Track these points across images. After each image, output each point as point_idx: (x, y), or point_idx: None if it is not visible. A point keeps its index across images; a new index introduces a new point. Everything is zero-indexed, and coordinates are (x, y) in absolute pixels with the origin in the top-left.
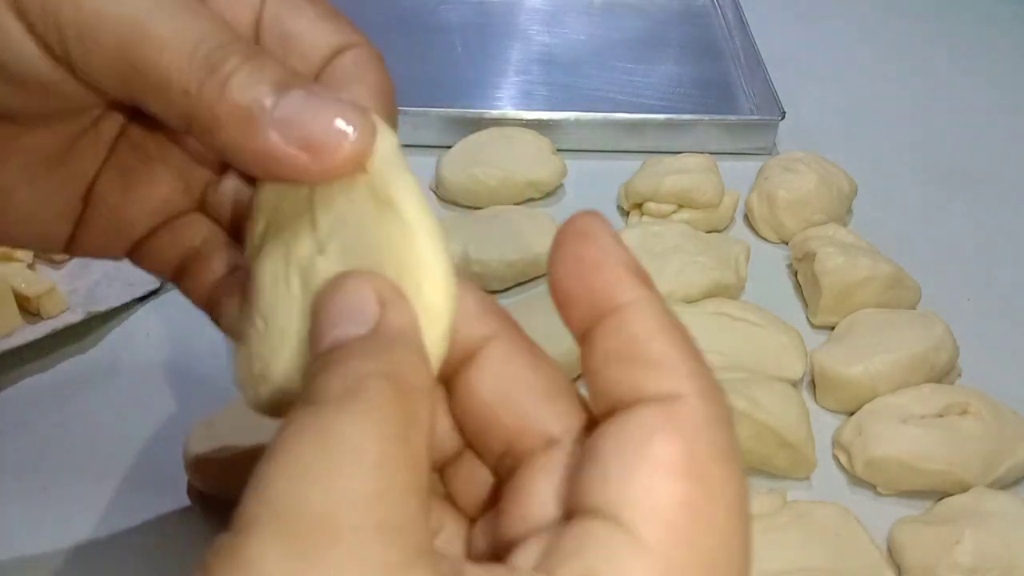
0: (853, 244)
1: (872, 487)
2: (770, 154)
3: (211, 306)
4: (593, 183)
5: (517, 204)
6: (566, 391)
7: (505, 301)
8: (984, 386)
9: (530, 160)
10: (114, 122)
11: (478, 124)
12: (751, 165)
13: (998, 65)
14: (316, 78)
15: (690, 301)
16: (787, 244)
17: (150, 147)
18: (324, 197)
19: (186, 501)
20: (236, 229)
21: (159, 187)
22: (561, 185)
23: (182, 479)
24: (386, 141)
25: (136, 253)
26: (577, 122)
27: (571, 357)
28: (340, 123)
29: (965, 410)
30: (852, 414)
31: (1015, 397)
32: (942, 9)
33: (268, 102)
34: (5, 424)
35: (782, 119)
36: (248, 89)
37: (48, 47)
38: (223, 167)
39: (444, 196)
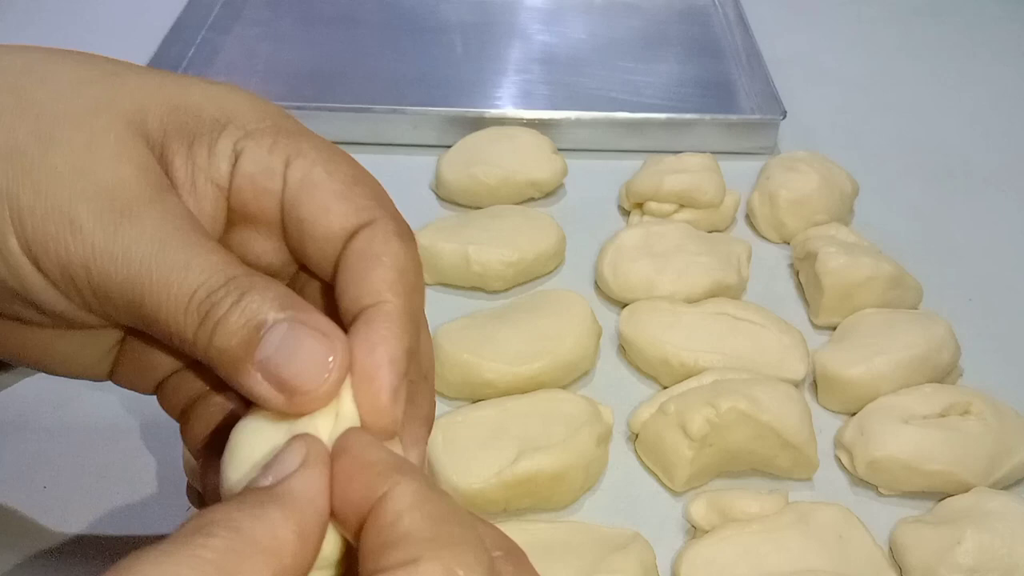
0: (855, 244)
1: (874, 488)
2: (771, 154)
3: (198, 459)
4: (594, 183)
5: (517, 204)
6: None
7: (505, 301)
8: (986, 386)
9: (530, 160)
10: None
11: (478, 124)
12: (752, 165)
13: (999, 65)
14: (336, 265)
15: (692, 301)
16: (789, 244)
17: None
18: None
19: (185, 501)
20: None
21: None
22: (561, 185)
23: (181, 479)
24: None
25: (160, 391)
26: (578, 121)
27: (572, 357)
28: (313, 367)
29: (967, 410)
30: (854, 414)
31: (1017, 397)
32: (943, 9)
33: (252, 344)
34: (5, 424)
35: (783, 118)
36: (235, 334)
37: (70, 297)
38: None
39: (444, 196)
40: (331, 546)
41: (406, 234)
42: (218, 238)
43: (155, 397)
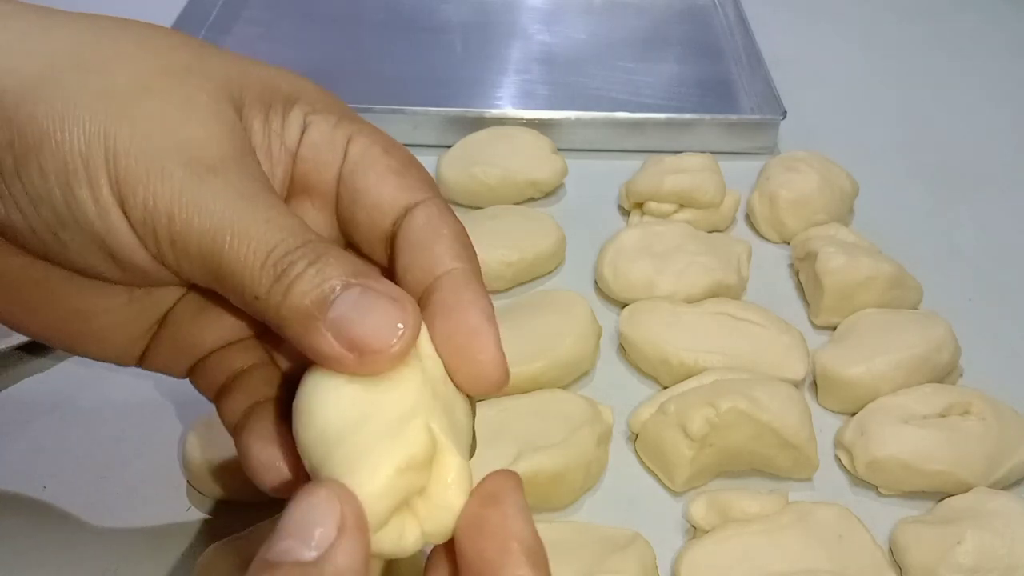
0: (855, 244)
1: (874, 488)
2: (771, 154)
3: (236, 433)
4: (594, 182)
5: (517, 204)
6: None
7: (505, 301)
8: (986, 386)
9: (530, 160)
10: None
11: (478, 124)
12: (752, 165)
13: (999, 65)
14: (393, 238)
15: (692, 301)
16: (789, 244)
17: None
18: None
19: (185, 502)
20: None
21: (228, 316)
22: (561, 185)
23: (181, 480)
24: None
25: (194, 373)
26: (578, 121)
27: (572, 356)
28: (386, 329)
29: (967, 410)
30: (854, 415)
31: (1017, 397)
32: (943, 9)
33: (326, 303)
34: (5, 423)
35: (783, 118)
36: (308, 293)
37: (147, 245)
38: None
39: (444, 196)
40: None
41: (454, 215)
42: None
43: (184, 382)
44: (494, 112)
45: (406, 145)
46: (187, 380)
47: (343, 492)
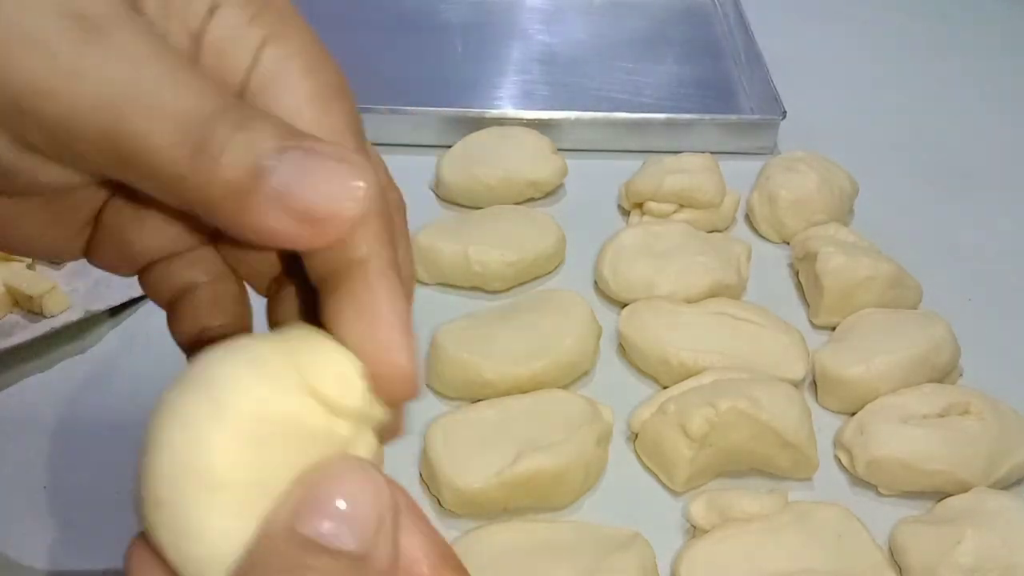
0: (854, 244)
1: (874, 487)
2: (771, 154)
3: (187, 350)
4: (593, 183)
5: (517, 204)
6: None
7: (505, 301)
8: (985, 386)
9: (530, 160)
10: None
11: (478, 124)
12: (752, 165)
13: (999, 65)
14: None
15: (691, 301)
16: (788, 244)
17: None
18: None
19: None
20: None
21: (172, 222)
22: (561, 185)
23: None
24: None
25: (143, 277)
26: (578, 121)
27: (572, 356)
28: (340, 188)
29: (966, 410)
30: (854, 414)
31: (1016, 397)
32: (943, 9)
33: (262, 172)
34: (6, 422)
35: (783, 119)
36: (239, 162)
37: (19, 140)
38: None
39: (444, 196)
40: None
41: (376, 158)
42: None
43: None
44: (494, 112)
45: (406, 145)
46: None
47: (383, 482)
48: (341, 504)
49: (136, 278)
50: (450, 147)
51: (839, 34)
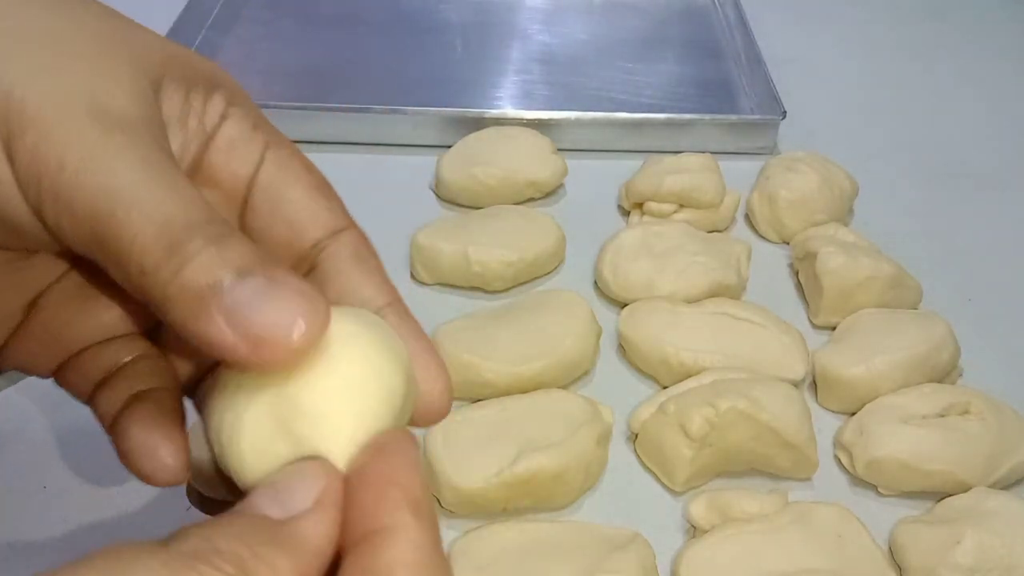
0: (854, 244)
1: (873, 487)
2: (771, 154)
3: (114, 421)
4: (593, 183)
5: (517, 204)
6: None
7: (505, 301)
8: (985, 386)
9: (530, 160)
10: None
11: (478, 124)
12: (752, 165)
13: (999, 65)
14: (312, 259)
15: (691, 301)
16: (788, 244)
17: None
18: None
19: (185, 501)
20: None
21: (113, 308)
22: (561, 185)
23: None
24: (345, 325)
25: (64, 370)
26: (577, 121)
27: (572, 356)
28: (288, 318)
29: (966, 410)
30: (853, 414)
31: (1016, 397)
32: (942, 9)
33: (223, 287)
34: (5, 423)
35: (783, 119)
36: (203, 273)
37: (28, 196)
38: None
39: (444, 196)
40: None
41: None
42: None
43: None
44: (494, 112)
45: (406, 145)
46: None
47: (332, 470)
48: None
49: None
50: (450, 147)
51: (839, 34)
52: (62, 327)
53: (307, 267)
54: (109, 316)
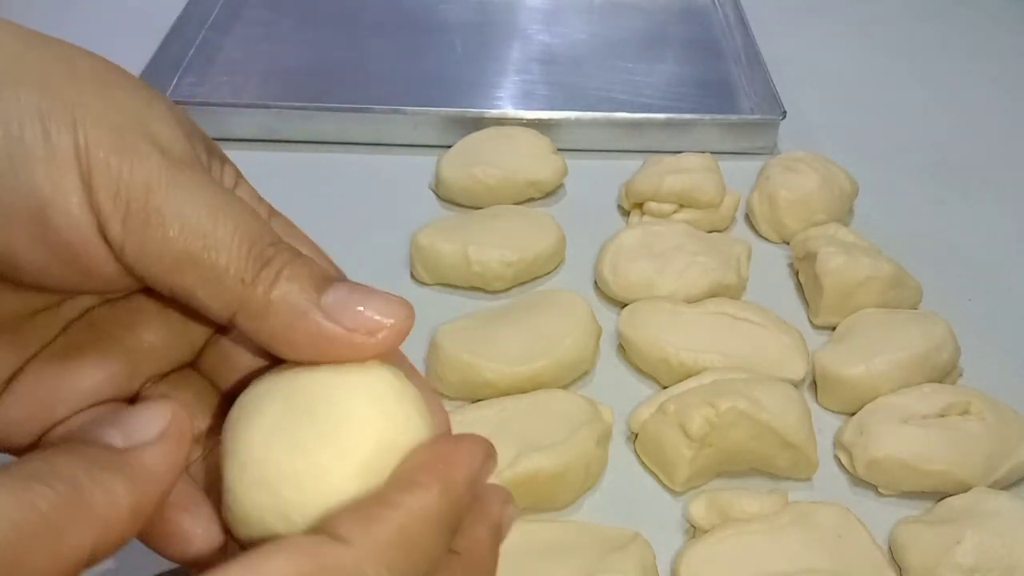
0: (854, 244)
1: (873, 487)
2: (771, 154)
3: None
4: (593, 183)
5: (517, 204)
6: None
7: (505, 301)
8: (985, 386)
9: (530, 160)
10: (80, 304)
11: (478, 124)
12: (752, 165)
13: (999, 64)
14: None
15: (691, 301)
16: (788, 244)
17: (108, 326)
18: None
19: None
20: None
21: (100, 371)
22: (561, 185)
23: None
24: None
25: (43, 441)
26: (578, 121)
27: (571, 356)
28: (386, 308)
29: (966, 410)
30: (853, 414)
31: (1016, 397)
32: (943, 9)
33: (318, 292)
34: None
35: (783, 119)
36: (299, 281)
37: (109, 226)
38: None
39: (444, 196)
40: None
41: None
42: None
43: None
44: (494, 112)
45: (406, 145)
46: None
47: (179, 412)
48: None
49: None
50: (450, 147)
51: (839, 34)
52: (47, 392)
53: None
54: (94, 380)
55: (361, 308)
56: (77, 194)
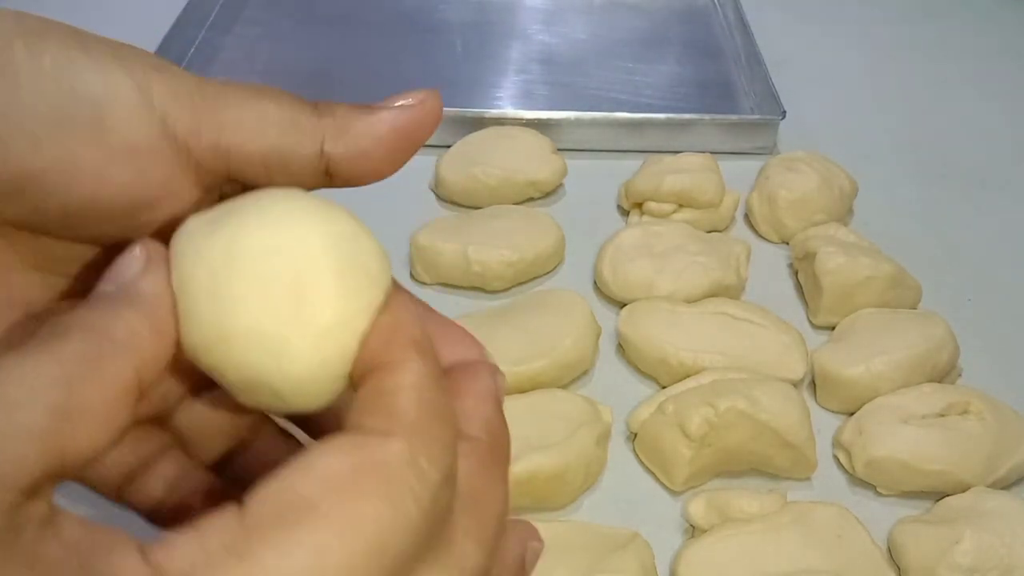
0: (854, 244)
1: (872, 487)
2: (771, 154)
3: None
4: (593, 182)
5: (517, 204)
6: None
7: (505, 301)
8: (985, 386)
9: (530, 160)
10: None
11: (478, 124)
12: (752, 165)
13: (999, 65)
14: None
15: (691, 301)
16: (788, 244)
17: None
18: None
19: None
20: None
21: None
22: (561, 185)
23: None
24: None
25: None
26: (577, 121)
27: (571, 356)
28: (409, 92)
29: (966, 410)
30: (853, 414)
31: (1016, 397)
32: (942, 9)
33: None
34: None
35: (783, 119)
36: (347, 104)
37: (174, 134)
38: None
39: (444, 196)
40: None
41: None
42: None
43: None
44: (494, 112)
45: None
46: None
47: (149, 241)
48: None
49: None
50: (450, 147)
51: (839, 34)
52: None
53: None
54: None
55: (407, 94)
56: (135, 95)
